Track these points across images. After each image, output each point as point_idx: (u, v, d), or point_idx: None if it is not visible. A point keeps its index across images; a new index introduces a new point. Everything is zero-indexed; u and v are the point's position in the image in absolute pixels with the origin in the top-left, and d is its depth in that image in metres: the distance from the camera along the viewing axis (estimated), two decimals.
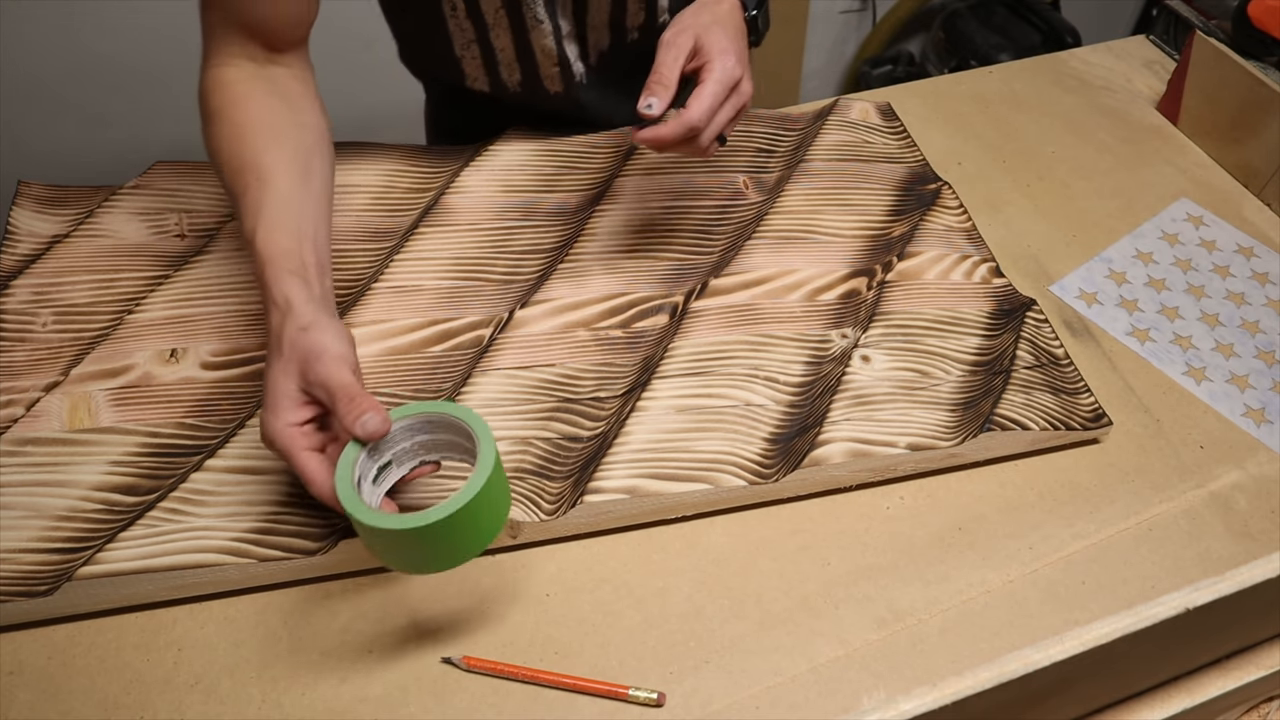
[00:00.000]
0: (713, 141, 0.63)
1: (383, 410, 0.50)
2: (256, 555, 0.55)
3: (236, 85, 0.61)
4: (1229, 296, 0.78)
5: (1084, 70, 1.00)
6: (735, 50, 0.63)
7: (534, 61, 0.75)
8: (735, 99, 0.64)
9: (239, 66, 0.62)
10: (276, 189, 0.57)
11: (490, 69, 0.76)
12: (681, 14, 0.65)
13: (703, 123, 0.61)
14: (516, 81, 0.77)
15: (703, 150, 0.63)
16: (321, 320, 0.52)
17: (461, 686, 0.54)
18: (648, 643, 0.56)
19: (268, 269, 0.54)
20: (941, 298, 0.73)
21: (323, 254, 0.58)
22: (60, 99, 1.44)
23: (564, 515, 0.58)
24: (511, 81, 0.77)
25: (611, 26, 0.77)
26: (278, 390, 0.51)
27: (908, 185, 0.82)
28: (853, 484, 0.63)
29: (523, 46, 0.74)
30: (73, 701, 0.52)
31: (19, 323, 0.66)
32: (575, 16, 0.75)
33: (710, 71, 0.62)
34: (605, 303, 0.71)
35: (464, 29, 0.73)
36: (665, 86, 0.61)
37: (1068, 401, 0.67)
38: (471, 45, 0.74)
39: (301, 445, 0.51)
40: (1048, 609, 0.58)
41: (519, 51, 0.75)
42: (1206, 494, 0.64)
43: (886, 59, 2.02)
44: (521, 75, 0.77)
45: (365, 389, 0.51)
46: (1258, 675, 0.68)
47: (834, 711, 0.53)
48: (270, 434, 0.51)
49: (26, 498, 0.57)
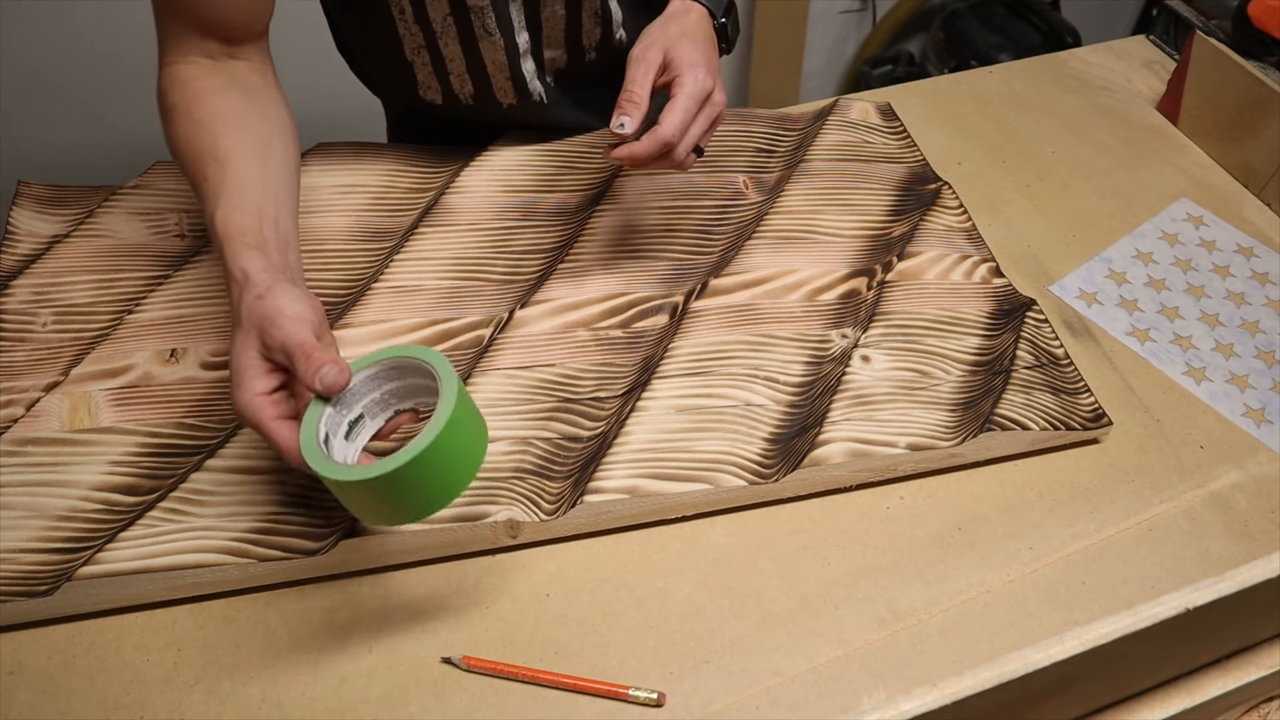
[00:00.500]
0: (689, 154, 0.63)
1: (342, 362, 0.49)
2: (256, 555, 0.55)
3: (194, 82, 0.61)
4: (1229, 296, 0.78)
5: (1084, 70, 1.00)
6: (705, 61, 0.63)
7: (485, 74, 0.74)
8: (708, 110, 0.63)
9: (196, 63, 0.62)
10: (235, 172, 0.57)
11: (441, 77, 0.75)
12: (649, 28, 0.65)
13: (676, 137, 0.61)
14: (469, 94, 0.76)
15: (679, 164, 0.63)
16: (278, 287, 0.51)
17: (461, 686, 0.54)
18: (648, 643, 0.56)
19: (226, 247, 0.54)
20: (941, 298, 0.73)
21: (285, 231, 0.57)
22: (61, 98, 1.44)
23: (564, 515, 0.58)
24: (464, 93, 0.76)
25: (568, 45, 0.76)
26: (240, 362, 0.50)
27: (908, 185, 0.82)
28: (853, 484, 0.63)
29: (473, 56, 0.73)
30: (73, 701, 0.52)
31: (19, 323, 0.66)
32: (530, 33, 0.73)
33: (681, 85, 0.61)
34: (605, 303, 0.71)
35: (413, 33, 0.72)
36: (636, 104, 0.61)
37: (1068, 401, 0.67)
38: (421, 51, 0.73)
39: (270, 414, 0.50)
40: (1048, 609, 0.58)
41: (470, 62, 0.74)
42: (1206, 494, 0.64)
43: (886, 59, 2.02)
44: (474, 87, 0.76)
45: (334, 348, 0.50)
46: (1258, 675, 0.68)
47: (834, 711, 0.53)
48: (239, 408, 0.50)
49: (26, 498, 0.57)
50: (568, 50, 0.77)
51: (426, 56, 0.74)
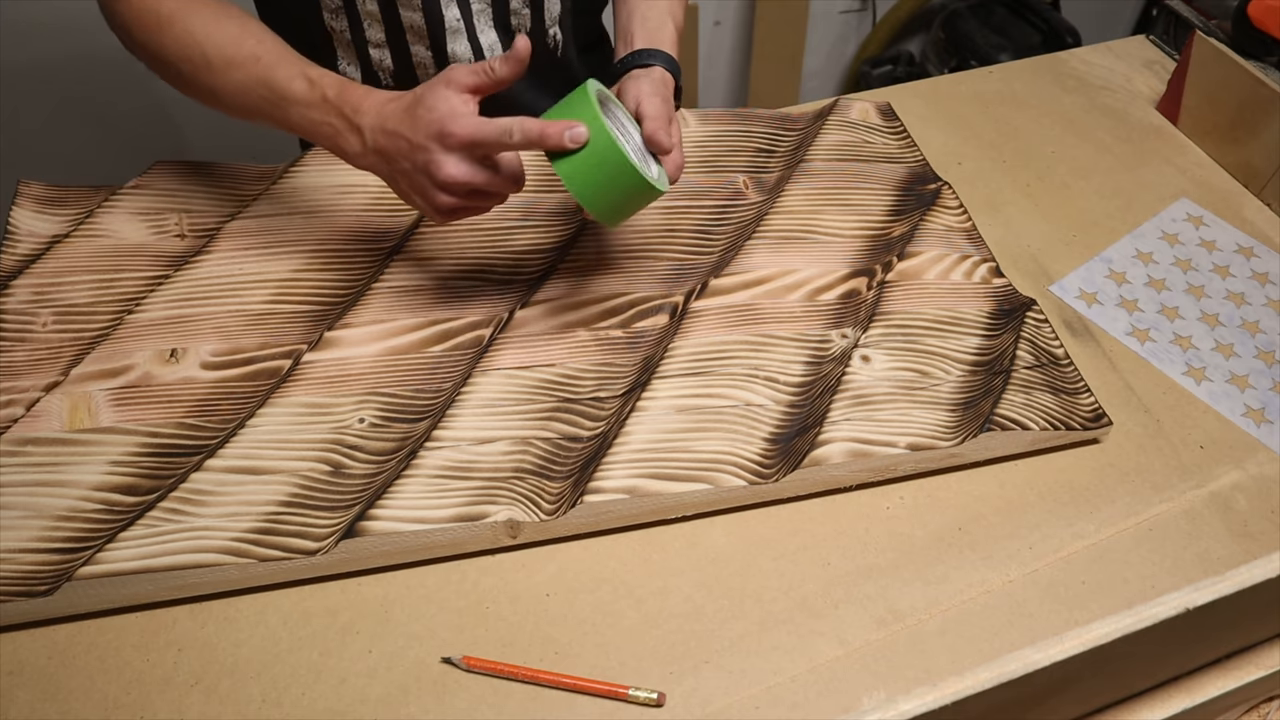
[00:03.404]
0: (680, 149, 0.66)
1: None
2: (256, 555, 0.55)
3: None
4: (1229, 296, 0.78)
5: (1084, 70, 1.00)
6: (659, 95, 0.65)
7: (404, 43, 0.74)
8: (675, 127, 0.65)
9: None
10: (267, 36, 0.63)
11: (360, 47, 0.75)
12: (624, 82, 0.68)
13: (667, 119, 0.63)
14: (389, 70, 0.76)
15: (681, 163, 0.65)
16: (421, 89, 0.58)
17: (461, 686, 0.54)
18: (647, 643, 0.56)
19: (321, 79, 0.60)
20: (941, 298, 0.73)
21: None
22: (61, 98, 1.44)
23: (564, 515, 0.58)
24: (383, 69, 0.76)
25: (495, 15, 0.76)
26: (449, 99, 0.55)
27: (908, 185, 0.82)
28: (853, 484, 0.63)
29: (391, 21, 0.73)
30: (73, 701, 0.52)
31: (19, 323, 0.66)
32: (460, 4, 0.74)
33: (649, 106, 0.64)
34: (605, 303, 0.71)
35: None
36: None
37: (1068, 401, 0.67)
38: (339, 14, 0.73)
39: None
40: (1048, 609, 0.58)
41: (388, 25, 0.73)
42: (1206, 494, 0.64)
43: (886, 59, 2.02)
44: (394, 61, 0.75)
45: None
46: (1258, 675, 0.68)
47: (834, 711, 0.53)
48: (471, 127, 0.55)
49: (26, 498, 0.57)
50: (499, 31, 0.76)
51: (345, 21, 0.74)
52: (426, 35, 0.74)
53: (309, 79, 0.60)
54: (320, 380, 0.64)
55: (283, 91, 0.60)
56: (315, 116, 0.60)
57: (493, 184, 0.58)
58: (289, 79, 0.60)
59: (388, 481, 0.58)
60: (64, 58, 1.39)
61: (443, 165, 0.56)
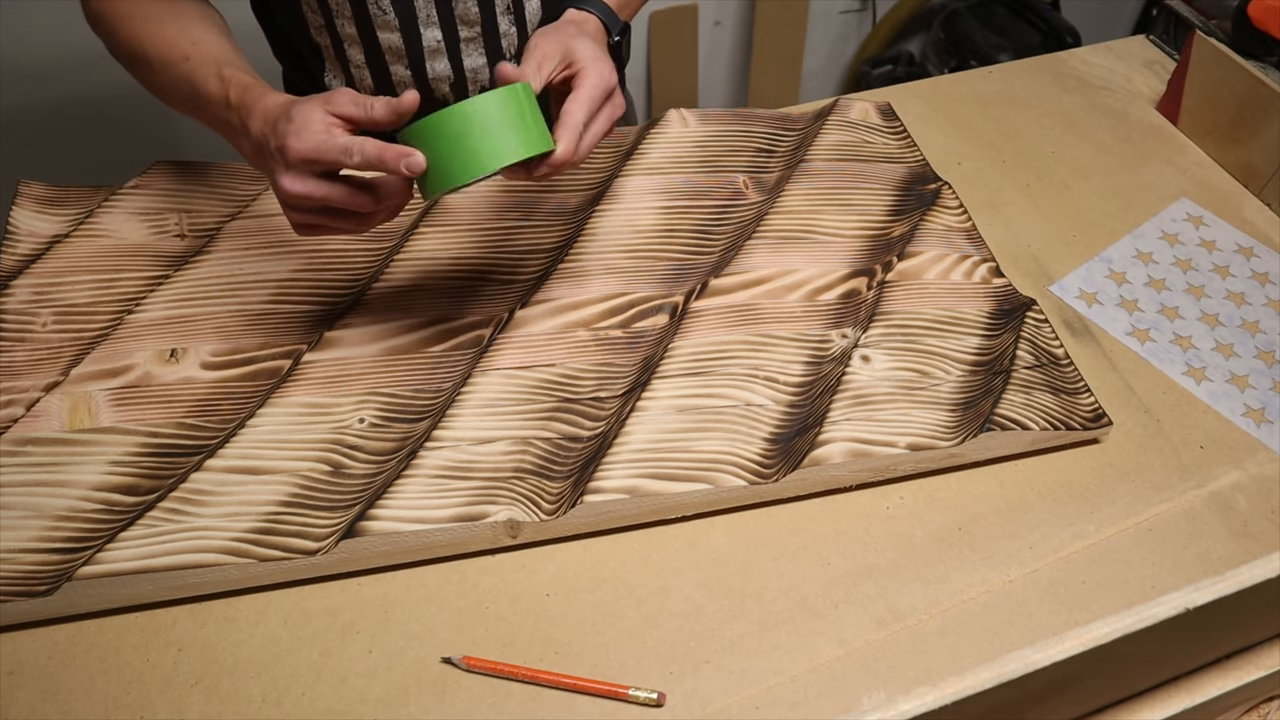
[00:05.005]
0: (586, 151, 0.59)
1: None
2: (256, 555, 0.55)
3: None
4: (1229, 296, 0.78)
5: (1084, 70, 1.00)
6: (609, 61, 0.59)
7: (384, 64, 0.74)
8: (609, 109, 0.60)
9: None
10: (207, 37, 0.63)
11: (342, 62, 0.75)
12: (542, 29, 0.62)
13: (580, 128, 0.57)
14: (370, 89, 0.76)
15: (576, 161, 0.58)
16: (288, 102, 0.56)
17: (461, 686, 0.54)
18: (647, 643, 0.56)
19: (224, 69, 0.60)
20: (941, 298, 0.73)
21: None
22: (61, 98, 1.44)
23: (564, 515, 0.58)
24: (364, 87, 0.76)
25: (485, 41, 0.75)
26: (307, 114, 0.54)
27: (908, 185, 0.82)
28: (853, 484, 0.63)
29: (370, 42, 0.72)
30: (73, 701, 0.52)
31: (19, 323, 0.66)
32: (444, 27, 0.73)
33: (585, 77, 0.58)
34: (605, 303, 0.71)
35: (313, 8, 0.72)
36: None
37: (1068, 401, 0.67)
38: (323, 32, 0.74)
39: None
40: (1048, 609, 0.58)
41: (366, 47, 0.73)
42: (1206, 494, 0.64)
43: (886, 59, 2.02)
44: (374, 80, 0.75)
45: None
46: (1258, 675, 0.68)
47: (834, 711, 0.53)
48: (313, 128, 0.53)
49: (26, 498, 0.57)
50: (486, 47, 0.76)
51: (328, 38, 0.74)
52: (405, 55, 0.74)
53: (222, 79, 0.60)
54: (320, 380, 0.64)
55: (200, 90, 0.61)
56: (221, 116, 0.60)
57: (342, 200, 0.55)
58: (205, 79, 0.60)
59: (388, 481, 0.58)
60: (64, 58, 1.39)
61: (280, 178, 0.55)
